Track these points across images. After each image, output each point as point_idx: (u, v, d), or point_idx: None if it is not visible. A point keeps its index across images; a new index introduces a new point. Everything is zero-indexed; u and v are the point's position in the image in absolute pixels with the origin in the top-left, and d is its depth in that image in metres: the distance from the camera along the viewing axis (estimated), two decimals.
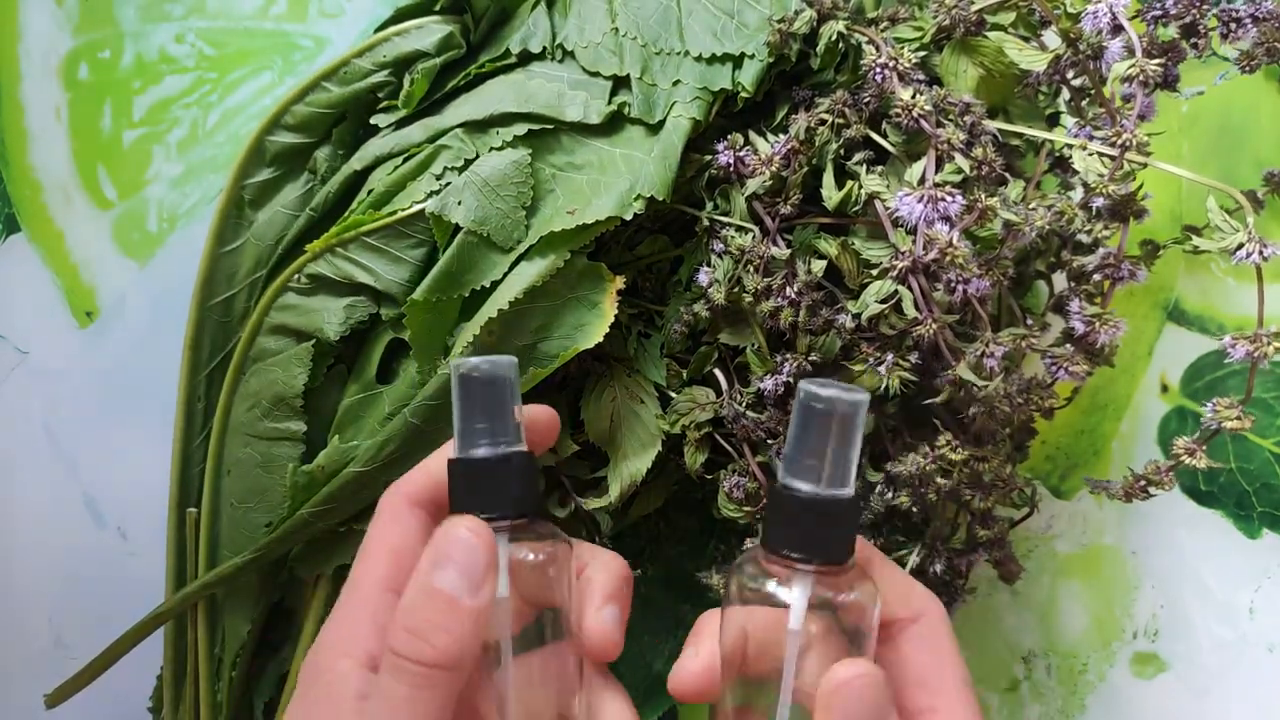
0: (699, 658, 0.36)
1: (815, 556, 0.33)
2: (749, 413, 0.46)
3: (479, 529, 0.33)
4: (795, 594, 0.33)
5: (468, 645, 0.32)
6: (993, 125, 0.43)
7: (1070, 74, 0.44)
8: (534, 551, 0.35)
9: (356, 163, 0.49)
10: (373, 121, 0.49)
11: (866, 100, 0.44)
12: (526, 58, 0.48)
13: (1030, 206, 0.40)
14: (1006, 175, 0.42)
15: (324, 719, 0.33)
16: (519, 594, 0.35)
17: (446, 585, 0.33)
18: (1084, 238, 0.41)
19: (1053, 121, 0.49)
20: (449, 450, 0.36)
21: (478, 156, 0.46)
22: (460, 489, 0.35)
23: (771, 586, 0.33)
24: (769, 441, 0.46)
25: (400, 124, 0.49)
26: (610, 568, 0.38)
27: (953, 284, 0.39)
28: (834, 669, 0.32)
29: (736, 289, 0.45)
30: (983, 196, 0.39)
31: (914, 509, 0.45)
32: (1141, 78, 0.39)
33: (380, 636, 0.34)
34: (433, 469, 0.38)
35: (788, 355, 0.44)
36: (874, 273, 0.42)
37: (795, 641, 0.33)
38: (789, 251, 0.44)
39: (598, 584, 0.37)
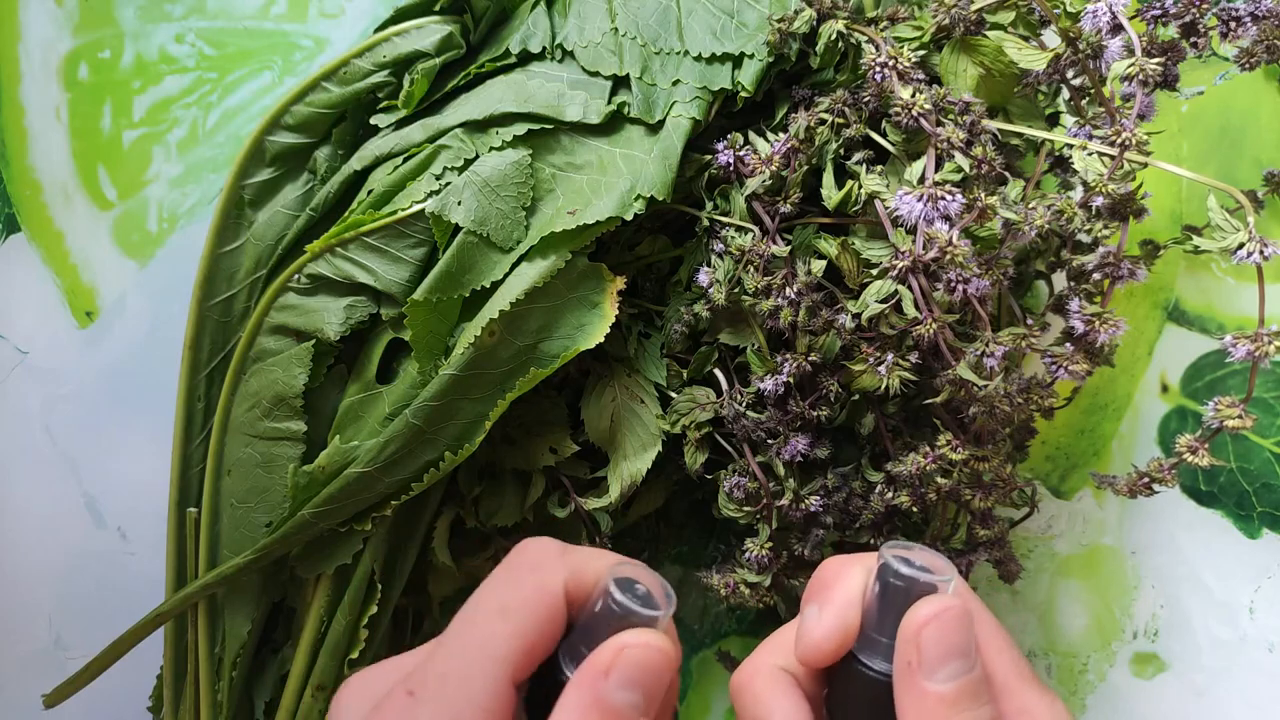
0: (824, 619, 0.32)
1: None
2: (749, 413, 0.46)
3: (656, 642, 0.31)
4: None
5: None
6: (992, 125, 0.42)
7: (1070, 73, 0.44)
8: None
9: (356, 163, 0.49)
10: (373, 122, 0.49)
11: (866, 100, 0.44)
12: (526, 58, 0.48)
13: (1030, 206, 0.40)
14: (1006, 174, 0.42)
15: None
16: None
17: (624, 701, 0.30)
18: (1084, 237, 0.41)
19: (1052, 122, 0.49)
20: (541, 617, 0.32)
21: (478, 156, 0.46)
22: None
23: None
24: (769, 442, 0.46)
25: (400, 124, 0.49)
26: None
27: (953, 283, 0.39)
28: (916, 606, 0.30)
29: (736, 289, 0.45)
30: (982, 195, 0.39)
31: (914, 509, 0.45)
32: (1141, 77, 0.39)
33: None
34: (535, 647, 0.32)
35: (788, 355, 0.44)
36: (874, 273, 0.42)
37: None
38: (789, 249, 0.44)
39: None
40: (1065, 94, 0.47)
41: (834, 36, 0.45)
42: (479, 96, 0.48)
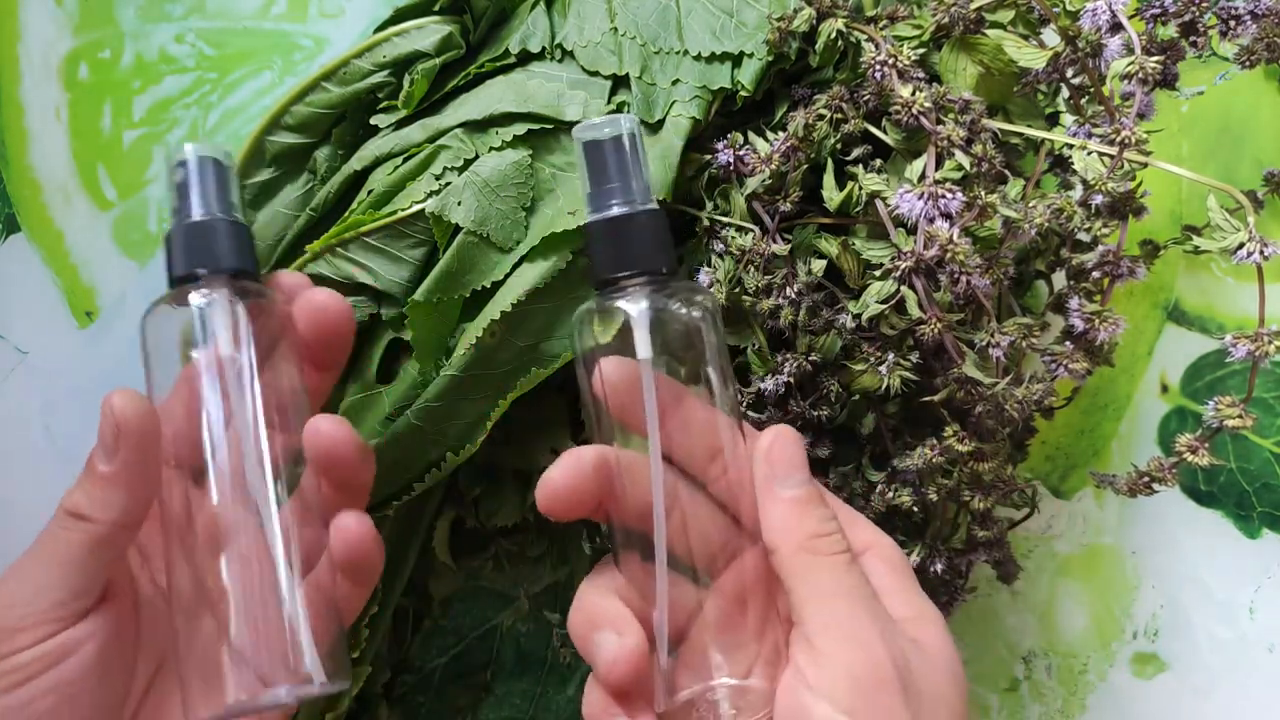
0: (561, 467, 0.37)
1: (645, 266, 0.36)
2: (750, 413, 0.46)
3: (116, 398, 0.36)
4: (636, 310, 0.35)
5: (103, 503, 0.36)
6: (992, 124, 0.43)
7: (1069, 72, 0.44)
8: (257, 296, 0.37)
9: (356, 163, 0.49)
10: (372, 122, 0.49)
11: (866, 98, 0.44)
12: (526, 57, 0.48)
13: (1030, 204, 0.40)
14: (1006, 173, 0.42)
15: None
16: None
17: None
18: (1083, 235, 0.41)
19: (1052, 121, 0.49)
20: None
21: (477, 156, 0.46)
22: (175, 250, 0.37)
23: (614, 309, 0.36)
24: None
25: (400, 124, 0.49)
26: None
27: (956, 274, 0.39)
28: (762, 435, 0.37)
29: (737, 289, 0.45)
30: (983, 193, 0.39)
31: (914, 509, 0.45)
32: (1140, 75, 0.39)
33: None
34: None
35: (788, 355, 0.44)
36: (876, 274, 0.42)
37: (649, 371, 0.35)
38: (789, 249, 0.44)
39: None
40: (1065, 93, 0.47)
41: (833, 35, 0.45)
42: (479, 96, 0.48)
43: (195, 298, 0.36)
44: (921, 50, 0.45)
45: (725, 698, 0.36)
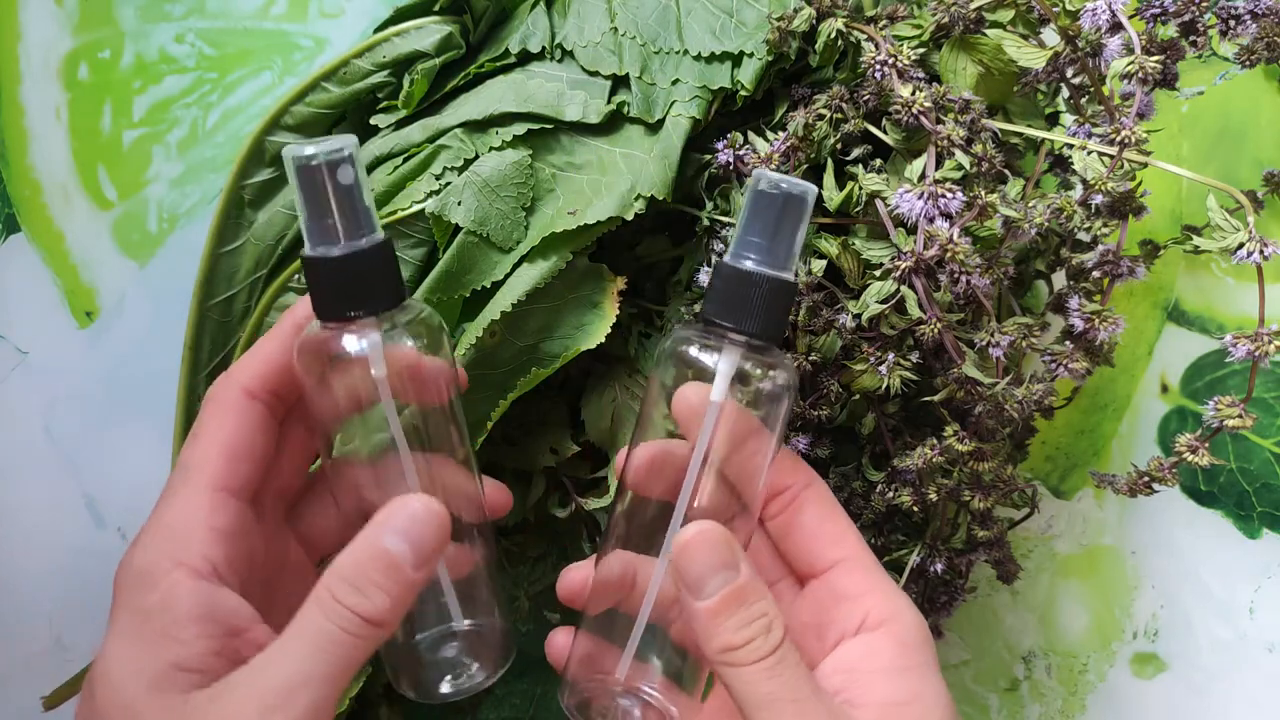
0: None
1: (747, 328, 0.35)
2: None
3: (432, 506, 0.34)
4: (723, 361, 0.36)
5: (400, 611, 0.33)
6: (992, 124, 0.43)
7: (1069, 71, 0.44)
8: (413, 338, 0.36)
9: None
10: (372, 122, 0.49)
11: (865, 97, 0.44)
12: (526, 57, 0.48)
13: (1030, 204, 0.40)
14: (1006, 172, 0.42)
15: (158, 634, 0.32)
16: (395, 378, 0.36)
17: (395, 551, 0.33)
18: (1083, 235, 0.41)
19: (1052, 121, 0.49)
20: (287, 325, 0.38)
21: (477, 156, 0.46)
22: (325, 292, 0.35)
23: (698, 352, 0.36)
24: None
25: (400, 124, 0.49)
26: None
27: (956, 274, 0.39)
28: (682, 531, 0.34)
29: None
30: (983, 193, 0.39)
31: (914, 509, 0.45)
32: (1140, 75, 0.39)
33: (218, 543, 0.34)
34: (271, 357, 0.37)
35: (788, 355, 0.44)
36: (876, 274, 0.42)
37: (714, 412, 0.35)
38: None
39: None
40: (1065, 93, 0.47)
41: (833, 35, 0.45)
42: (479, 96, 0.48)
43: (347, 343, 0.35)
44: (921, 50, 0.45)
45: (635, 707, 0.36)
